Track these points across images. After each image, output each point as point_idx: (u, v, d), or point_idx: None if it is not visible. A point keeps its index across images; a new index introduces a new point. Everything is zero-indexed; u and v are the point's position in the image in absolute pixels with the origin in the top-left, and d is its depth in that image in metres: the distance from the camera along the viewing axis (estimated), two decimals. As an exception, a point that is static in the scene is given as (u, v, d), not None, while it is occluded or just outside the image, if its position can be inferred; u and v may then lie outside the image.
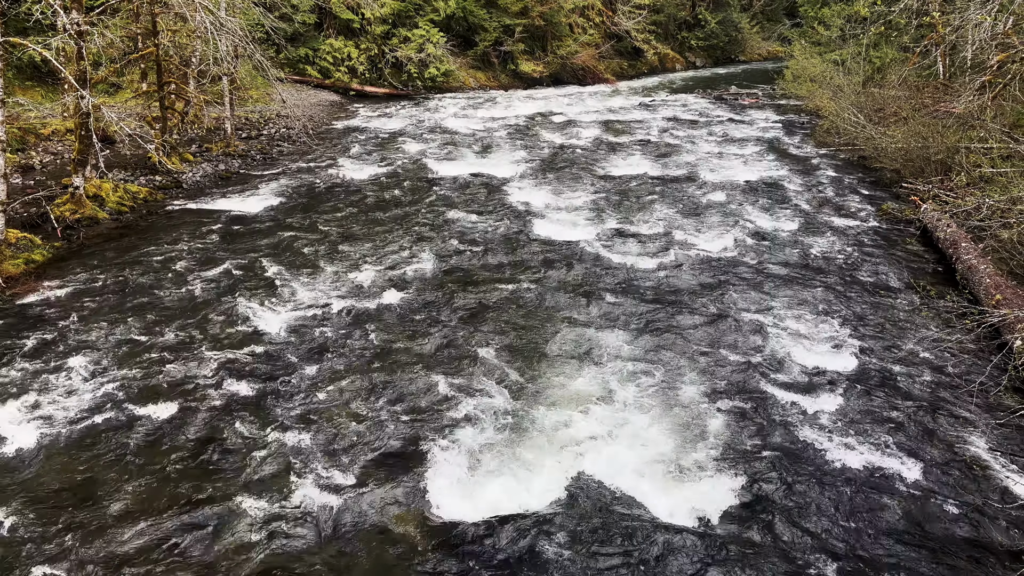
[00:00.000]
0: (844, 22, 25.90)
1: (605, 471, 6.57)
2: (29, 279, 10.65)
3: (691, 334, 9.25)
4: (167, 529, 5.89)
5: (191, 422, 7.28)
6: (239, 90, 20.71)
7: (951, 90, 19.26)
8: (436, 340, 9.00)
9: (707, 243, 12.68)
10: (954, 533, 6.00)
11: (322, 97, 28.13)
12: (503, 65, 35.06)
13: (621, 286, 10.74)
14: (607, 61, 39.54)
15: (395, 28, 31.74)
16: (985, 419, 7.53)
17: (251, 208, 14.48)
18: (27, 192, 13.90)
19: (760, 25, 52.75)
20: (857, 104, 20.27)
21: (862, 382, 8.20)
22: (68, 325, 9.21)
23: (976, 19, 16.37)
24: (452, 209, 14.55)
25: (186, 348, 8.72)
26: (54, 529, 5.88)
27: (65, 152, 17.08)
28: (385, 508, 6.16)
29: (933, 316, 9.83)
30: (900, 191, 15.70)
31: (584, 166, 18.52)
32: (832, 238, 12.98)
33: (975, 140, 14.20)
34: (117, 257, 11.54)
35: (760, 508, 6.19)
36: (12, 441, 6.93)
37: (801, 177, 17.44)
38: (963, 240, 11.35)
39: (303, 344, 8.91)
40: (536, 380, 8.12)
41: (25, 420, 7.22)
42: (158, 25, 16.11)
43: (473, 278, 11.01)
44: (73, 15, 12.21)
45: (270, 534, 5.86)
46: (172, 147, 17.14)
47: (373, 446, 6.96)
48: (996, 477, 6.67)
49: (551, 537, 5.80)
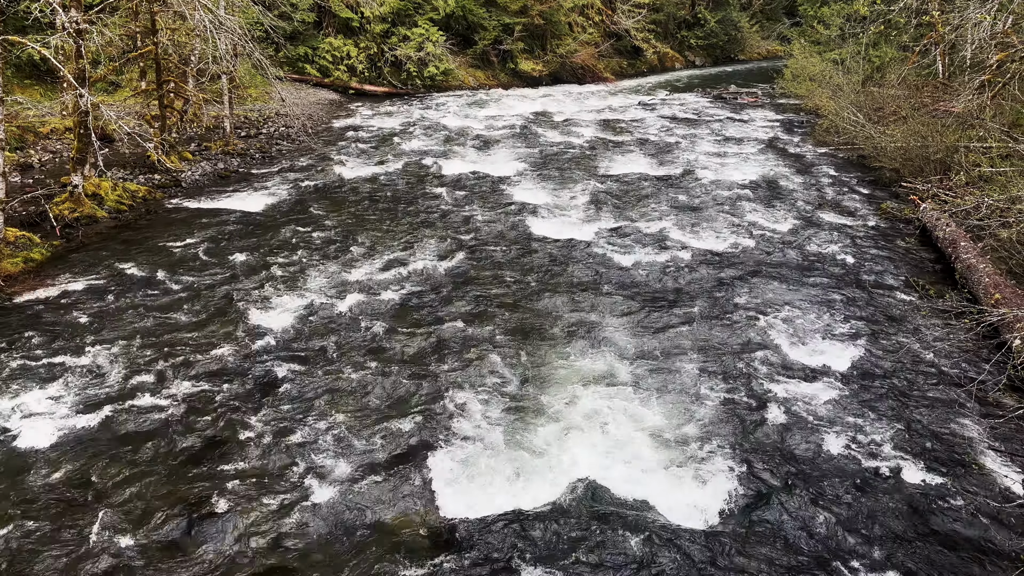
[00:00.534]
0: (844, 21, 25.92)
1: (604, 472, 6.58)
2: (28, 277, 10.64)
3: (690, 332, 9.24)
4: (168, 527, 5.88)
5: (190, 420, 7.28)
6: (238, 89, 20.69)
7: (950, 89, 19.28)
8: (436, 337, 9.00)
9: (706, 242, 12.68)
10: (952, 532, 6.00)
11: (321, 96, 28.10)
12: (502, 64, 35.04)
13: (620, 284, 10.73)
14: (606, 60, 39.52)
15: (394, 27, 31.71)
16: (984, 418, 7.53)
17: (250, 207, 14.47)
18: (26, 191, 13.89)
19: (759, 24, 52.75)
20: (856, 103, 20.28)
21: (860, 380, 8.20)
22: (67, 323, 9.20)
23: (975, 18, 16.38)
24: (452, 207, 14.54)
25: (185, 346, 8.71)
26: (53, 527, 5.87)
27: (64, 151, 17.06)
28: (388, 505, 6.16)
29: (932, 315, 9.84)
30: (899, 190, 15.70)
31: (583, 165, 18.52)
32: (831, 237, 12.98)
33: (974, 139, 14.21)
34: (116, 256, 11.54)
35: (757, 505, 6.20)
36: (10, 439, 6.93)
37: (800, 176, 17.44)
38: (962, 239, 11.36)
39: (303, 341, 8.90)
40: (536, 377, 8.12)
41: (24, 418, 7.21)
42: (157, 23, 16.09)
43: (473, 275, 11.00)
44: (72, 13, 12.19)
45: (272, 532, 5.86)
46: (171, 146, 17.13)
47: (376, 442, 6.96)
48: (995, 476, 6.68)
49: (550, 535, 5.81)
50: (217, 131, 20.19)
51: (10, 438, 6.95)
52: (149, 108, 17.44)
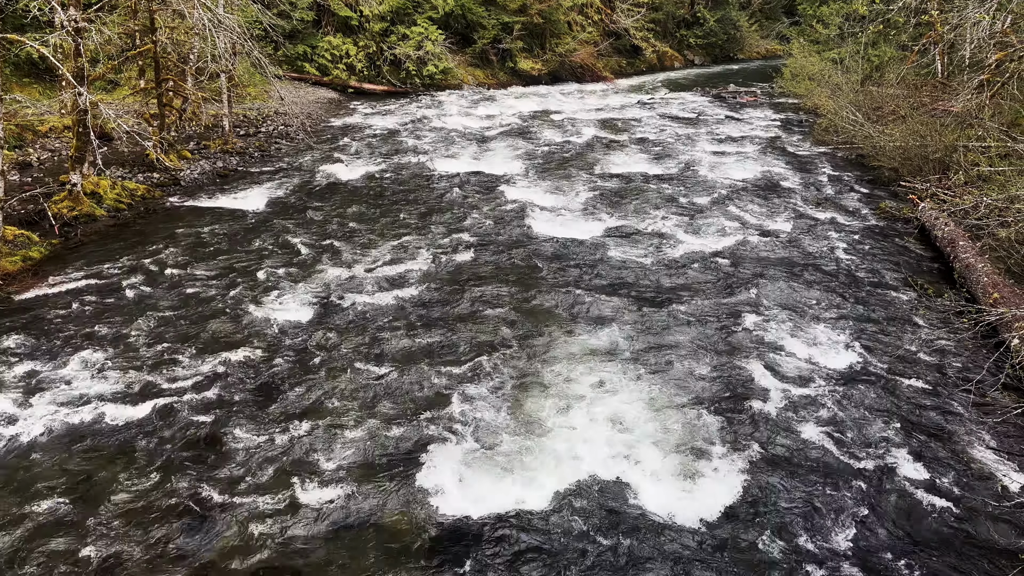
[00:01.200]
0: (843, 20, 25.92)
1: (602, 469, 6.59)
2: (27, 276, 10.64)
3: (688, 330, 9.25)
4: (166, 526, 5.89)
5: (189, 419, 7.28)
6: (237, 87, 20.67)
7: (949, 89, 19.29)
8: (435, 335, 9.01)
9: (704, 241, 12.69)
10: (950, 530, 6.02)
11: (320, 95, 28.08)
12: (501, 63, 35.02)
13: (620, 282, 10.74)
14: (606, 59, 39.50)
15: (393, 25, 31.69)
16: (982, 417, 7.55)
17: (249, 206, 14.46)
18: (25, 189, 13.87)
19: (759, 23, 52.72)
20: (855, 103, 20.28)
21: (858, 379, 8.21)
22: (65, 322, 9.20)
23: (974, 18, 16.39)
24: (451, 206, 14.54)
25: (184, 345, 8.71)
26: (52, 526, 5.87)
27: (63, 149, 17.04)
28: (388, 503, 6.17)
29: (930, 314, 9.85)
30: (898, 189, 15.71)
31: (582, 164, 18.52)
32: (830, 236, 12.99)
33: (973, 139, 14.22)
34: (115, 254, 11.53)
35: (754, 505, 6.21)
36: (9, 438, 6.93)
37: (799, 175, 17.45)
38: (961, 239, 11.37)
39: (303, 339, 8.90)
40: (536, 373, 8.13)
41: (22, 417, 7.21)
42: (156, 22, 16.08)
43: (474, 273, 11.00)
44: (71, 12, 12.18)
45: (270, 531, 5.86)
46: (170, 144, 17.11)
47: (376, 440, 6.96)
48: (993, 475, 6.69)
49: (551, 535, 5.82)
50: (216, 130, 20.18)
51: (8, 436, 6.95)
52: (148, 107, 17.43)
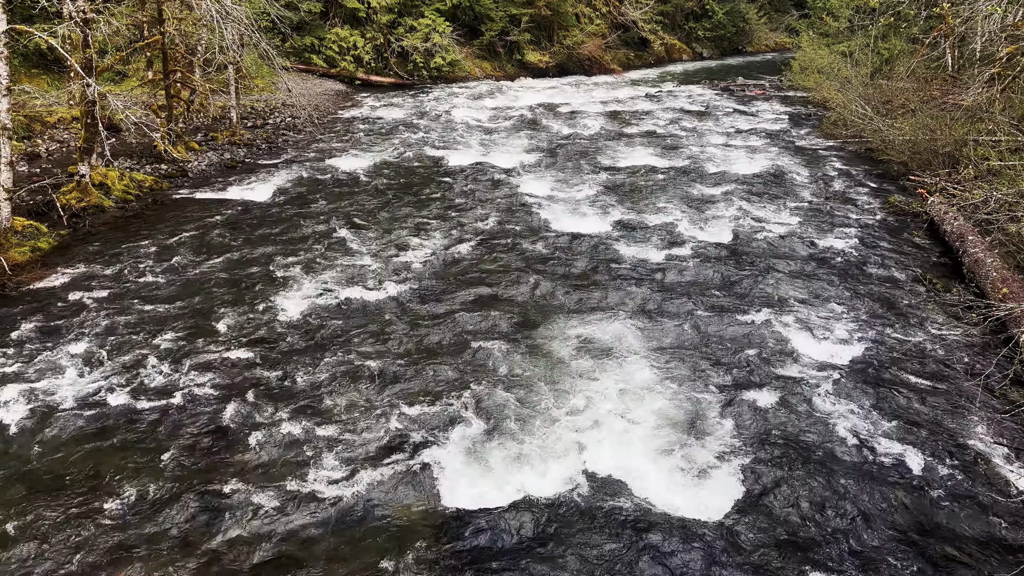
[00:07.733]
0: (852, 13, 25.77)
1: (607, 462, 6.59)
2: (35, 267, 10.69)
3: (696, 322, 9.23)
4: (172, 518, 5.92)
5: (197, 411, 7.31)
6: (245, 79, 20.66)
7: (959, 82, 19.13)
8: (443, 328, 9.01)
9: (713, 234, 12.65)
10: (958, 526, 6.00)
11: (328, 86, 28.05)
12: (509, 55, 34.92)
13: (628, 275, 10.72)
14: (613, 51, 39.34)
15: (401, 17, 31.61)
16: (990, 412, 7.51)
17: (257, 197, 14.49)
18: (33, 180, 13.92)
19: (768, 16, 52.42)
20: (864, 96, 20.14)
21: (866, 373, 8.19)
22: (74, 312, 9.25)
23: (986, 10, 16.26)
24: (458, 198, 14.53)
25: (192, 336, 8.75)
26: (56, 517, 5.91)
27: (71, 140, 17.09)
28: (394, 495, 6.18)
29: (939, 309, 9.80)
30: (907, 184, 15.62)
31: (590, 156, 18.47)
32: (838, 230, 12.94)
33: (983, 133, 14.12)
34: (123, 245, 11.57)
35: (760, 497, 6.20)
36: (15, 427, 6.97)
37: (807, 169, 17.37)
38: (970, 233, 11.30)
39: (310, 333, 8.92)
40: (540, 368, 8.13)
41: (30, 407, 7.25)
42: (164, 13, 16.07)
43: (481, 266, 11.00)
44: (79, 3, 12.19)
45: (277, 523, 5.89)
46: (178, 136, 17.14)
47: (383, 432, 6.98)
48: (1001, 471, 6.66)
49: (556, 527, 5.83)
50: (223, 121, 20.20)
51: (16, 426, 6.99)
52: (156, 98, 17.47)
